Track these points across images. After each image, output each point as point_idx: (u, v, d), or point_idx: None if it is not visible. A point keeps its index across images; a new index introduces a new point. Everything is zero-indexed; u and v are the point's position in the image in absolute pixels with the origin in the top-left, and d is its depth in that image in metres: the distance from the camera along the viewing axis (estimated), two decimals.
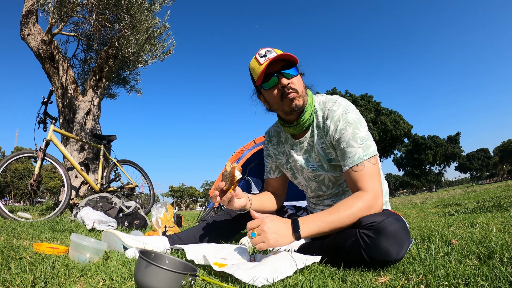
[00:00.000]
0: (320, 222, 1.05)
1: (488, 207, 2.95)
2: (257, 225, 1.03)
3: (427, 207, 4.84)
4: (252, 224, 1.04)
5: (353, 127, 1.16)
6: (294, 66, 1.21)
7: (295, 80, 1.20)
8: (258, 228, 1.02)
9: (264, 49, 1.21)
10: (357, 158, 1.13)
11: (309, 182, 1.37)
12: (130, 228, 2.68)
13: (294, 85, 1.20)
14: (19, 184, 4.21)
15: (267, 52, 1.18)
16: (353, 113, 1.19)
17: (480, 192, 7.44)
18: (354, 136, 1.15)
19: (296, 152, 1.35)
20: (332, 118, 1.20)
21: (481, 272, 0.81)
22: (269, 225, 1.01)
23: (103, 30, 4.31)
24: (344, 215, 1.04)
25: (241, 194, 1.29)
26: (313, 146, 1.29)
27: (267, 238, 0.99)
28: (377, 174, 1.13)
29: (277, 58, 1.16)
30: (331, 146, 1.24)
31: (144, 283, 0.78)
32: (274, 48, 1.21)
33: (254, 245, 1.01)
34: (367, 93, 39.83)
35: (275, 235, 1.01)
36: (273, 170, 1.49)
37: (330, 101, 1.25)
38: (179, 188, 75.02)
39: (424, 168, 50.98)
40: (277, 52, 1.18)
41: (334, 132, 1.19)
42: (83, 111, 4.21)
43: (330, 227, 1.05)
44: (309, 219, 1.07)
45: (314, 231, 1.05)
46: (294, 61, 1.20)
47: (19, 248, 1.30)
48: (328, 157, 1.26)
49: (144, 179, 4.20)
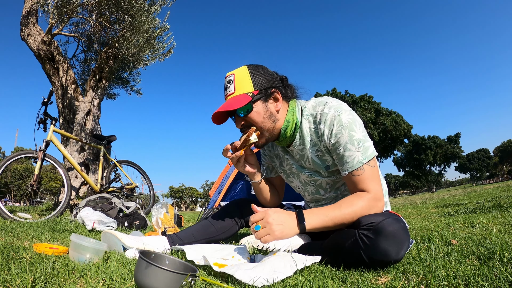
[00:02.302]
0: (324, 216, 1.05)
1: (488, 207, 2.95)
2: (261, 218, 1.00)
3: (427, 207, 4.84)
4: (256, 217, 1.01)
5: (348, 129, 1.11)
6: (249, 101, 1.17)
7: (251, 117, 1.18)
8: (262, 221, 1.00)
9: (227, 76, 1.22)
10: (356, 162, 1.10)
11: (306, 186, 1.35)
12: (130, 229, 2.68)
13: (250, 123, 1.20)
14: (19, 184, 4.20)
15: (228, 85, 1.21)
16: (346, 113, 1.13)
17: (480, 193, 7.44)
18: (351, 139, 1.10)
19: (290, 157, 1.34)
20: (325, 122, 1.15)
21: (481, 273, 0.81)
22: (274, 217, 1.00)
23: (103, 31, 4.32)
24: (346, 212, 1.04)
25: (255, 163, 1.32)
26: (305, 154, 1.26)
27: (272, 230, 0.98)
28: (376, 176, 1.12)
29: (221, 110, 1.16)
30: (327, 152, 1.20)
31: (144, 283, 0.78)
32: (238, 68, 1.22)
33: (259, 238, 0.99)
34: (367, 94, 39.80)
35: (281, 227, 0.99)
36: (270, 169, 1.48)
37: (320, 104, 1.20)
38: (179, 188, 75.00)
39: (424, 169, 50.96)
40: (235, 82, 1.18)
41: (329, 136, 1.14)
42: (83, 111, 4.21)
43: (333, 222, 1.05)
44: (313, 212, 1.06)
45: (318, 224, 1.04)
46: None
47: (19, 249, 1.30)
48: (325, 164, 1.23)
49: (144, 180, 4.20)
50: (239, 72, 1.20)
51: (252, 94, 1.17)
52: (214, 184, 4.03)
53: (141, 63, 4.59)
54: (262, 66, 1.24)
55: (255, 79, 1.19)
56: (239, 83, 1.18)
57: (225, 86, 1.22)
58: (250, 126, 1.19)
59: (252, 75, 1.19)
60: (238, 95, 1.17)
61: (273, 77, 1.23)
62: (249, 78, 1.18)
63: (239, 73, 1.20)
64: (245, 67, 1.21)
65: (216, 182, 4.74)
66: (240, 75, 1.19)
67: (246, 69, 1.20)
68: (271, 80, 1.21)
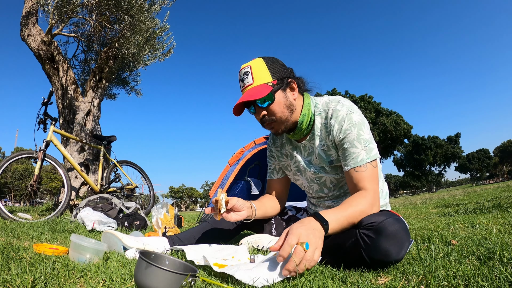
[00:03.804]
0: (340, 216, 1.00)
1: (488, 207, 2.95)
2: (293, 242, 0.86)
3: (427, 207, 4.84)
4: (287, 249, 0.85)
5: (357, 128, 1.16)
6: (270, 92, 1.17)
7: (272, 107, 1.19)
8: (297, 245, 0.86)
9: (243, 68, 1.21)
10: (360, 159, 1.14)
11: (311, 183, 1.37)
12: (130, 229, 2.68)
13: (271, 113, 1.20)
14: (19, 184, 4.21)
15: (244, 76, 1.20)
16: (357, 114, 1.19)
17: (480, 193, 7.43)
18: (358, 138, 1.15)
19: (299, 153, 1.35)
20: (336, 118, 1.19)
21: (481, 273, 0.81)
22: (301, 231, 0.89)
23: (103, 31, 4.32)
24: (355, 210, 1.04)
25: (242, 206, 1.23)
26: (314, 149, 1.29)
27: (313, 242, 0.88)
28: (376, 177, 1.15)
29: (243, 101, 1.16)
30: (333, 147, 1.23)
31: (144, 283, 0.78)
32: (253, 60, 1.22)
33: (315, 260, 0.89)
34: (367, 94, 39.88)
35: (311, 232, 0.90)
36: (277, 170, 1.49)
37: (333, 101, 1.24)
38: (179, 189, 75.01)
39: (424, 169, 50.98)
40: (253, 73, 1.18)
41: (339, 132, 1.18)
42: (83, 111, 4.21)
43: (348, 222, 1.01)
44: (329, 212, 1.01)
45: (337, 225, 0.99)
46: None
47: (19, 249, 1.30)
48: (329, 159, 1.26)
49: (144, 180, 4.20)
50: (255, 63, 1.20)
51: (272, 84, 1.18)
52: (214, 184, 4.03)
53: (141, 63, 4.59)
54: (275, 58, 1.26)
55: (272, 69, 1.20)
56: (257, 74, 1.18)
57: (241, 78, 1.21)
58: (271, 118, 1.20)
59: (268, 66, 1.20)
60: (258, 86, 1.17)
61: (286, 68, 1.25)
62: (266, 69, 1.19)
63: (255, 64, 1.20)
64: (260, 59, 1.22)
65: (216, 183, 4.73)
66: (257, 66, 1.19)
67: (262, 60, 1.21)
68: (285, 70, 1.23)
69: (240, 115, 1.28)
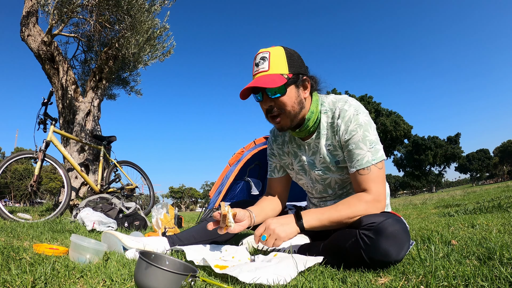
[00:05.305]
0: (320, 215, 1.12)
1: (488, 207, 2.95)
2: (264, 228, 1.11)
3: (427, 208, 4.83)
4: (259, 230, 1.12)
5: (363, 129, 1.14)
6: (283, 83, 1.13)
7: (283, 99, 1.15)
8: (266, 230, 1.10)
9: (261, 53, 1.16)
10: (365, 161, 1.12)
11: (315, 184, 1.34)
12: (130, 229, 2.68)
13: (279, 106, 1.16)
14: (19, 185, 4.21)
15: (260, 61, 1.15)
16: (364, 115, 1.16)
17: (480, 193, 7.43)
18: (364, 139, 1.13)
19: (303, 152, 1.32)
20: (343, 118, 1.17)
21: (481, 273, 0.81)
22: (273, 222, 1.11)
23: (103, 31, 4.32)
24: (343, 212, 1.10)
25: (243, 217, 1.22)
26: (319, 148, 1.26)
27: (276, 233, 1.08)
28: (382, 178, 1.14)
29: (253, 85, 1.12)
30: (339, 147, 1.21)
31: (144, 284, 0.78)
32: (273, 47, 1.17)
33: (270, 246, 1.09)
34: (366, 94, 39.90)
35: (282, 227, 1.09)
36: (278, 169, 1.46)
37: (340, 100, 1.22)
38: (179, 189, 74.98)
39: (424, 169, 50.95)
40: (270, 60, 1.14)
41: (345, 132, 1.16)
42: (83, 112, 4.21)
43: (329, 220, 1.11)
44: (310, 211, 1.15)
45: (315, 222, 1.11)
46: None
47: (19, 249, 1.30)
48: (335, 159, 1.23)
49: (144, 180, 4.20)
50: (275, 51, 1.16)
51: (287, 77, 1.14)
52: (214, 184, 4.03)
53: (141, 63, 4.59)
54: (296, 51, 1.22)
55: (291, 61, 1.16)
56: (275, 62, 1.14)
57: (257, 62, 1.16)
58: (279, 109, 1.17)
59: (288, 57, 1.16)
60: (272, 74, 1.13)
61: (304, 65, 1.22)
62: (285, 60, 1.15)
63: (275, 52, 1.15)
64: (281, 48, 1.17)
65: (216, 183, 4.74)
66: (276, 54, 1.15)
67: (283, 50, 1.16)
68: (303, 67, 1.21)
69: (245, 99, 1.22)
